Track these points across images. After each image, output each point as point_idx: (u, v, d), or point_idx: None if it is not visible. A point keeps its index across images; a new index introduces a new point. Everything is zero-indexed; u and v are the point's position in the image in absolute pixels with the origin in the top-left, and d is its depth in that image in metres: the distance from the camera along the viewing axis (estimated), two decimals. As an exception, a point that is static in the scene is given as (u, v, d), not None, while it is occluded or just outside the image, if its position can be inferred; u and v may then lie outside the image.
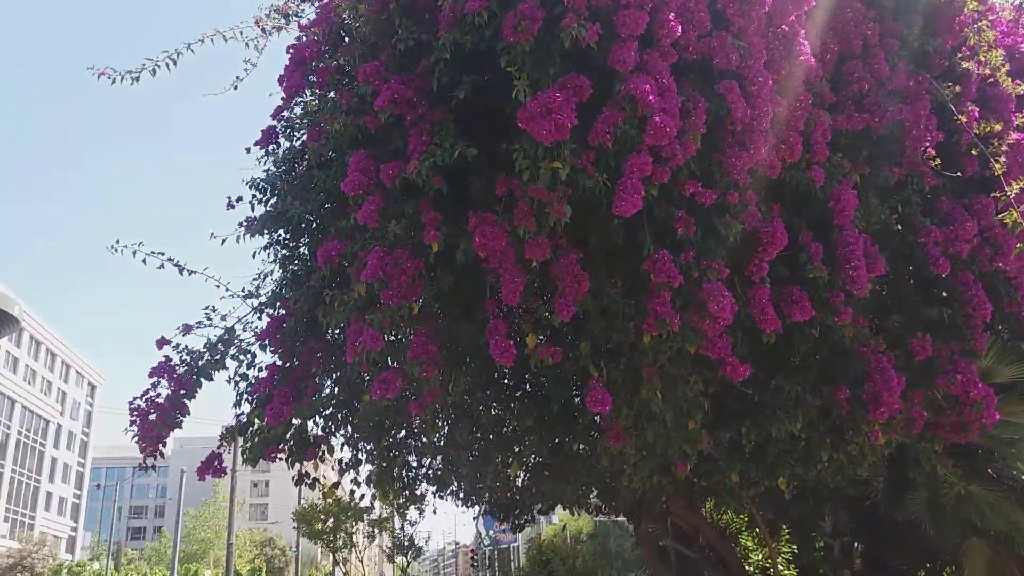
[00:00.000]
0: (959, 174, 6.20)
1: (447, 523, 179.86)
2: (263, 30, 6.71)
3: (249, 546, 75.21)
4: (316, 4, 6.81)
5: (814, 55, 5.56)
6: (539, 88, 4.61)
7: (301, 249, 6.89)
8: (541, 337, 5.18)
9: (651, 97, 4.57)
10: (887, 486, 8.20)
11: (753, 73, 4.98)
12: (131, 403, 6.37)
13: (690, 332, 5.02)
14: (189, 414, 6.78)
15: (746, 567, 10.82)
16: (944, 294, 6.73)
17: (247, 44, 6.60)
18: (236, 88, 6.77)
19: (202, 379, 6.65)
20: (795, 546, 11.70)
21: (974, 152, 6.24)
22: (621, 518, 11.12)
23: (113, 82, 5.47)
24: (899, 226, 6.51)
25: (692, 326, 5.00)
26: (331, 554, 31.27)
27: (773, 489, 8.34)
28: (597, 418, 5.71)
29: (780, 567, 11.86)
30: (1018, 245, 5.49)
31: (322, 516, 16.23)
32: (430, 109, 5.25)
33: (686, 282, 4.99)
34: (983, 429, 6.56)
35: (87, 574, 62.95)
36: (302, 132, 6.63)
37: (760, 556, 11.34)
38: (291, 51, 6.35)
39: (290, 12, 6.88)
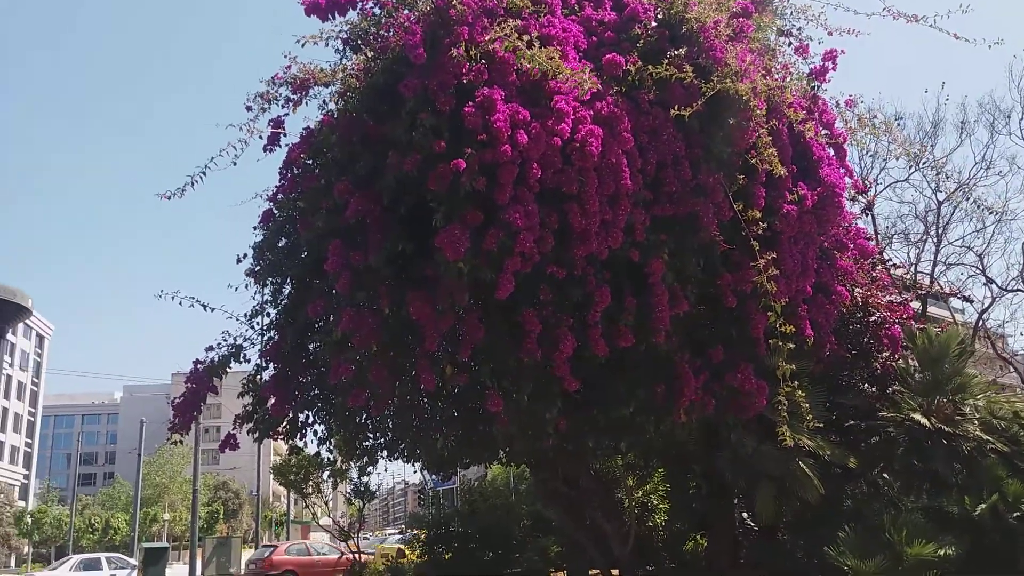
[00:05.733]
0: (733, 247, 9.15)
1: (398, 466, 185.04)
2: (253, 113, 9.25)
3: (204, 490, 77.60)
4: (289, 86, 9.40)
5: (638, 167, 8.40)
6: (451, 216, 7.41)
7: (286, 288, 9.66)
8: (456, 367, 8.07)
9: (520, 222, 7.42)
10: (706, 448, 11.47)
11: (587, 197, 7.82)
12: (172, 401, 9.17)
13: (548, 360, 7.99)
14: (205, 402, 9.71)
15: (626, 503, 14.09)
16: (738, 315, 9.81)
17: (240, 128, 9.15)
18: (235, 164, 9.33)
19: (213, 379, 9.52)
20: (668, 484, 15.02)
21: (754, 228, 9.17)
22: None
23: (169, 198, 8.10)
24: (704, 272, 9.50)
25: (549, 355, 7.98)
26: (288, 497, 34.32)
27: (645, 443, 11.61)
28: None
29: (656, 501, 15.24)
30: (763, 299, 8.45)
31: (294, 469, 19.40)
32: (384, 214, 8.01)
33: (546, 329, 7.95)
34: (758, 407, 9.75)
35: (48, 519, 65.17)
36: (290, 209, 9.32)
37: (639, 494, 14.60)
38: (285, 152, 9.05)
39: (271, 98, 9.43)
